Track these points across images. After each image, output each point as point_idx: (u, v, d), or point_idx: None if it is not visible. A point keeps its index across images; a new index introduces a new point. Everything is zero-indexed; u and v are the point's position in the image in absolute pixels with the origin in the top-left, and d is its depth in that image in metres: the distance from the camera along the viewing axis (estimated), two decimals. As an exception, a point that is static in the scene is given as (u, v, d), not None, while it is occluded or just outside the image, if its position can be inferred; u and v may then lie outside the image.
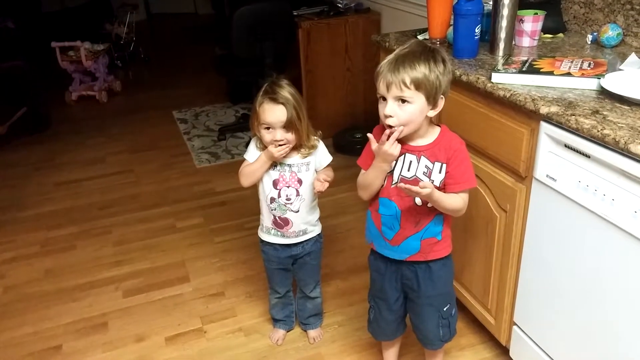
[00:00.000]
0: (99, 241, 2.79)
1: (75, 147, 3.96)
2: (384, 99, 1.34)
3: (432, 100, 1.34)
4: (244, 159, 1.80)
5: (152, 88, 5.29)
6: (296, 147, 1.74)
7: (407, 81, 1.28)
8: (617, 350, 1.39)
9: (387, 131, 1.35)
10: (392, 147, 1.36)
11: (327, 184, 1.72)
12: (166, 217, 2.99)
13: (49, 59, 4.77)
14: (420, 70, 1.29)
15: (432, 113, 1.37)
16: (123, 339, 2.14)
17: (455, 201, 1.40)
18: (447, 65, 1.35)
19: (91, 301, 2.36)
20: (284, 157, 1.73)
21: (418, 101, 1.32)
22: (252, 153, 1.77)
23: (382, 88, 1.33)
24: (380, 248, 1.57)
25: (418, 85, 1.30)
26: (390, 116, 1.33)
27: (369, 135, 1.41)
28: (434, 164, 1.41)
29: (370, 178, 1.46)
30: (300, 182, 1.76)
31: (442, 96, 1.36)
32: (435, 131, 1.43)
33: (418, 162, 1.42)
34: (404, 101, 1.32)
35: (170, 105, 4.71)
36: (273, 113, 1.64)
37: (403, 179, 1.42)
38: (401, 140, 1.39)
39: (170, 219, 2.96)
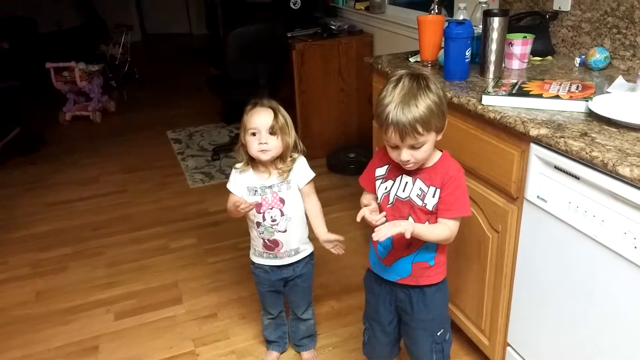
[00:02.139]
0: (91, 262, 2.78)
1: (69, 168, 3.95)
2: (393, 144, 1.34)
3: (440, 129, 1.36)
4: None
5: (147, 108, 5.30)
6: (274, 163, 1.74)
7: (420, 129, 1.29)
8: (610, 372, 1.39)
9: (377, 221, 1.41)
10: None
11: (341, 248, 1.83)
12: (159, 237, 2.97)
13: (44, 80, 4.78)
14: (423, 106, 1.28)
15: (439, 137, 1.38)
16: (114, 362, 2.12)
17: (439, 231, 1.41)
18: (437, 86, 1.35)
19: (82, 324, 2.33)
20: (266, 177, 1.75)
21: (430, 139, 1.34)
22: (233, 184, 1.78)
23: (394, 139, 1.31)
24: (374, 267, 1.58)
25: (429, 127, 1.30)
26: (408, 160, 1.34)
27: (363, 201, 1.52)
28: (429, 187, 1.41)
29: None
30: (282, 201, 1.76)
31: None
32: (436, 155, 1.44)
33: (413, 184, 1.43)
34: (417, 144, 1.33)
35: (165, 125, 4.73)
36: (259, 116, 1.67)
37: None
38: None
39: (163, 240, 2.95)
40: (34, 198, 3.50)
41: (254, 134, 1.68)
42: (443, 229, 1.41)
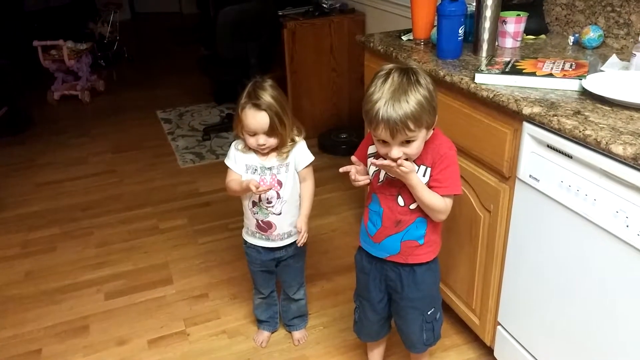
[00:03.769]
0: (80, 243, 2.76)
1: (57, 147, 3.90)
2: (383, 141, 1.32)
3: (430, 126, 1.34)
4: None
5: (136, 88, 5.24)
6: (276, 148, 1.72)
7: (412, 126, 1.26)
8: (601, 350, 1.39)
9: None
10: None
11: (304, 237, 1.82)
12: (149, 218, 2.95)
13: (31, 58, 4.70)
14: (413, 102, 1.25)
15: (429, 134, 1.37)
16: (104, 342, 2.11)
17: (435, 198, 1.39)
18: (427, 80, 1.32)
19: (72, 304, 2.32)
20: (265, 158, 1.73)
21: (421, 134, 1.32)
22: (233, 160, 1.76)
23: (384, 135, 1.29)
24: (364, 244, 1.58)
25: (420, 123, 1.28)
26: (399, 157, 1.32)
27: (353, 158, 1.46)
28: (419, 166, 1.40)
29: None
30: (280, 184, 1.75)
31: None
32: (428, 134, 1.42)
33: None
34: (408, 141, 1.31)
35: (154, 105, 4.67)
36: (255, 120, 1.63)
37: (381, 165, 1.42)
38: None
39: (153, 220, 2.93)
40: (22, 178, 3.46)
41: (251, 135, 1.66)
42: (438, 198, 1.39)
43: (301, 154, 1.77)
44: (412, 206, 1.43)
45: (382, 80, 1.28)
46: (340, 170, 1.43)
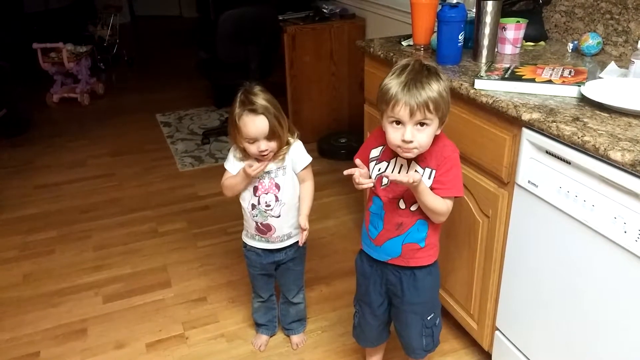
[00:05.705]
0: (79, 246, 2.75)
1: (56, 150, 3.90)
2: (397, 123, 1.32)
3: (443, 119, 1.35)
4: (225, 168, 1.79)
5: (136, 91, 5.25)
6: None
7: (431, 106, 1.28)
8: (599, 356, 1.40)
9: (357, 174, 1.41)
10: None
11: (305, 235, 1.79)
12: (148, 221, 2.95)
13: (31, 60, 4.70)
14: (435, 89, 1.29)
15: (439, 130, 1.38)
16: (103, 345, 2.11)
17: (438, 201, 1.40)
18: (445, 77, 1.36)
19: (70, 307, 2.32)
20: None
21: (435, 122, 1.33)
22: (232, 163, 1.76)
23: (402, 114, 1.29)
24: (365, 247, 1.58)
25: (437, 107, 1.30)
26: (411, 141, 1.32)
27: (357, 161, 1.46)
28: (424, 169, 1.41)
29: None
30: (278, 187, 1.75)
31: None
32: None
33: (408, 167, 1.42)
34: (422, 124, 1.32)
35: (154, 108, 4.68)
36: (255, 126, 1.62)
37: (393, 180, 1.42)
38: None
39: (152, 223, 2.93)
40: (20, 180, 3.46)
41: (251, 142, 1.65)
42: (440, 201, 1.40)
43: (298, 155, 1.77)
44: (413, 208, 1.44)
45: (401, 68, 1.33)
46: (345, 172, 1.42)
